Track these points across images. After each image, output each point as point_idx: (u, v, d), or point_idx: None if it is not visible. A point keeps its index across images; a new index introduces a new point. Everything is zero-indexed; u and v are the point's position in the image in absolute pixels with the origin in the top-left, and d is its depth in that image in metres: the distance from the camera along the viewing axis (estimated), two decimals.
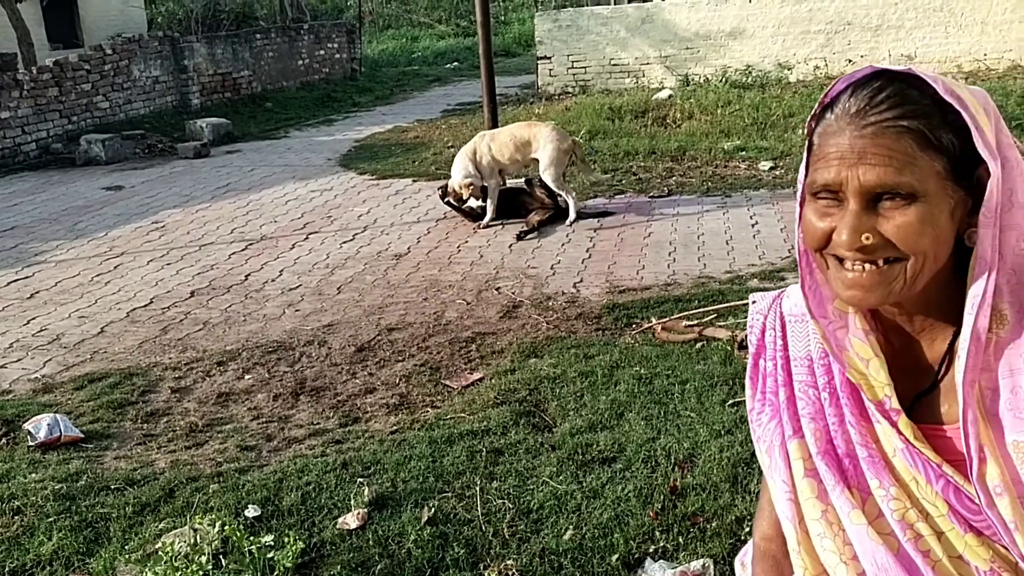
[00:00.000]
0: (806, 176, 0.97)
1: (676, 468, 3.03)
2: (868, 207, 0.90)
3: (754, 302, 1.22)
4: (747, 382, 1.21)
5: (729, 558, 2.48)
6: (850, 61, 12.48)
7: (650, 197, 7.45)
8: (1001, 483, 0.90)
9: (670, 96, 11.72)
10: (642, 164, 8.58)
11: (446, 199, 7.03)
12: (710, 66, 13.10)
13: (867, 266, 0.91)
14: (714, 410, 3.41)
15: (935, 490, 0.97)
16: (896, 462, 1.00)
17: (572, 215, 6.73)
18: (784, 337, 1.15)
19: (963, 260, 0.95)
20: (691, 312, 4.48)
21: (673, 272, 5.46)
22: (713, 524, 2.70)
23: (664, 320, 4.44)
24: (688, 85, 12.60)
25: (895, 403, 0.99)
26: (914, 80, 0.90)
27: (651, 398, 3.57)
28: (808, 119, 0.98)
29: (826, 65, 12.56)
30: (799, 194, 1.00)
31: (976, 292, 0.90)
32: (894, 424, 0.98)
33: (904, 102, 0.88)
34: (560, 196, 6.82)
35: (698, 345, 4.14)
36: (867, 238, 0.90)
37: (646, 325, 4.45)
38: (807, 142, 0.98)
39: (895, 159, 0.87)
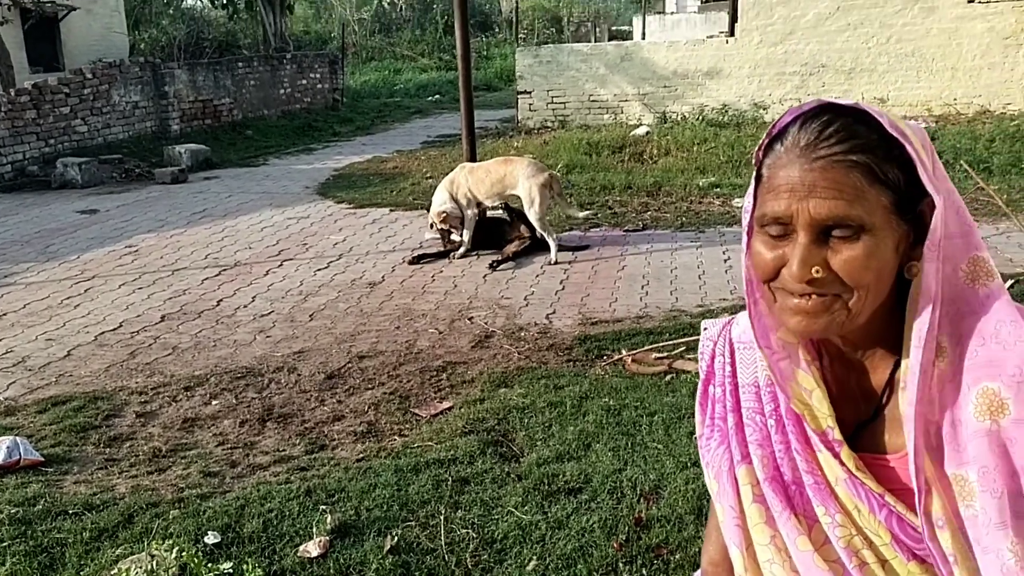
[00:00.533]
0: (754, 207, 0.98)
1: (642, 499, 3.02)
2: (817, 240, 0.91)
3: (705, 329, 1.23)
4: (697, 408, 1.22)
5: None
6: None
7: (625, 231, 7.50)
8: (943, 516, 0.91)
9: (647, 132, 11.87)
10: (618, 198, 8.65)
11: (432, 227, 7.05)
12: (687, 104, 13.29)
13: (813, 296, 0.92)
14: (681, 442, 3.41)
15: (878, 519, 0.98)
16: (839, 490, 1.00)
17: (553, 256, 6.60)
18: (733, 364, 1.16)
19: (903, 291, 0.96)
20: (661, 344, 4.50)
21: (645, 305, 5.49)
22: (677, 556, 2.70)
23: (634, 352, 4.45)
24: (665, 122, 12.77)
25: (837, 434, 1.00)
26: (861, 115, 0.91)
27: (619, 429, 3.57)
28: (756, 149, 0.99)
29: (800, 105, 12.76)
30: (746, 224, 1.01)
31: (921, 326, 0.91)
32: (836, 455, 1.00)
33: (853, 136, 0.90)
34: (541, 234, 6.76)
35: (667, 377, 4.15)
36: (817, 271, 0.90)
37: (616, 357, 4.46)
38: (755, 172, 0.99)
39: (845, 192, 0.89)
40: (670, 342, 4.54)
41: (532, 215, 6.60)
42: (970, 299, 0.93)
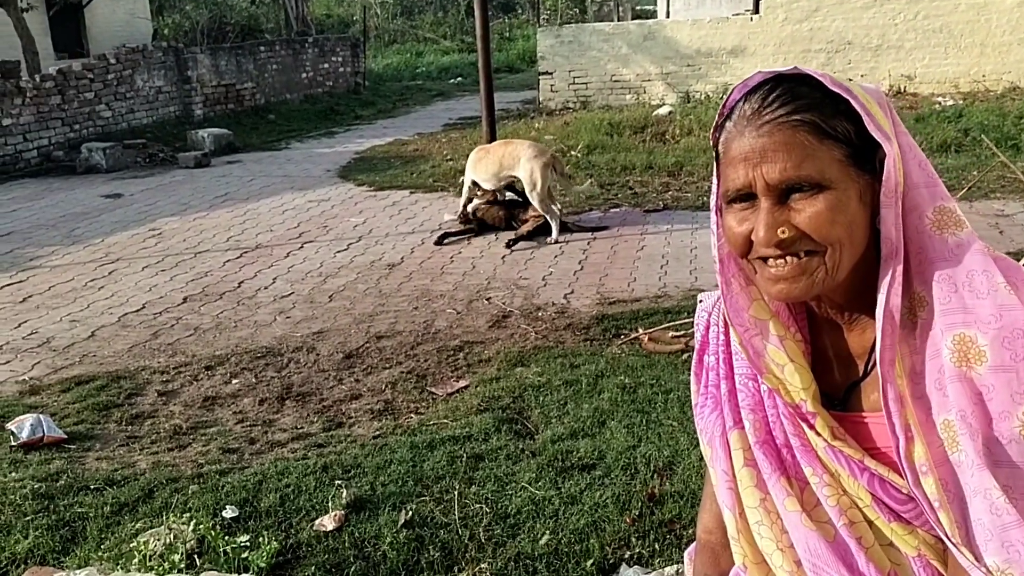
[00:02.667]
0: (718, 187, 0.99)
1: (655, 475, 3.02)
2: (779, 202, 0.92)
3: (701, 301, 1.25)
4: (692, 378, 1.22)
5: None
6: (850, 80, 12.50)
7: (645, 211, 7.47)
8: (927, 462, 0.91)
9: (670, 112, 11.77)
10: (639, 179, 8.61)
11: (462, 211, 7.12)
12: (711, 83, 13.17)
13: (789, 258, 0.93)
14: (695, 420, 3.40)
15: (858, 483, 0.98)
16: (821, 455, 1.01)
17: (555, 234, 6.61)
18: (727, 333, 1.16)
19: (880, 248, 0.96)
20: (679, 323, 4.48)
21: (664, 285, 5.47)
22: (690, 531, 2.70)
23: (651, 330, 4.44)
24: (689, 102, 12.66)
25: (810, 406, 1.01)
26: (803, 78, 0.93)
27: (634, 407, 3.57)
28: (712, 132, 1.01)
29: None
30: (714, 204, 1.02)
31: (884, 271, 0.92)
32: (812, 427, 1.00)
33: (795, 98, 0.91)
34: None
35: (684, 356, 4.14)
36: (783, 232, 0.92)
37: (633, 335, 4.46)
38: (714, 153, 1.00)
39: (794, 152, 0.90)
40: (688, 320, 4.52)
41: (534, 198, 6.57)
42: (939, 247, 0.93)
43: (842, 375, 1.04)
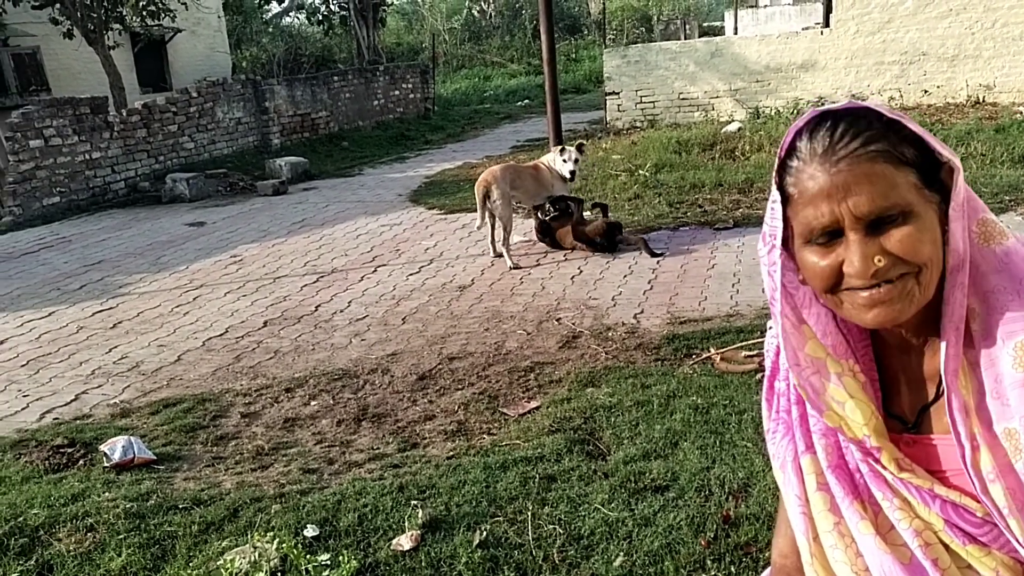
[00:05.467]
0: (785, 226, 0.99)
1: (730, 498, 3.00)
2: (868, 234, 0.93)
3: (770, 327, 1.25)
4: (763, 403, 1.23)
5: None
6: (926, 92, 12.24)
7: (715, 228, 7.41)
8: (993, 470, 0.91)
9: (739, 129, 11.67)
10: (708, 196, 8.55)
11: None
12: (781, 98, 13.00)
13: (883, 285, 0.93)
14: None
15: (931, 510, 0.98)
16: (891, 483, 1.01)
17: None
18: None
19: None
20: (752, 342, 4.44)
21: (736, 303, 5.42)
22: (766, 554, 2.66)
23: (724, 350, 4.41)
24: (758, 118, 12.52)
25: (874, 441, 1.01)
26: (857, 111, 0.94)
27: (707, 428, 3.55)
28: (774, 173, 1.01)
29: (901, 96, 12.33)
30: (768, 246, 1.02)
31: (951, 283, 0.93)
32: (877, 460, 1.00)
33: (864, 130, 0.92)
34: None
35: (758, 376, 4.09)
36: (879, 260, 0.92)
37: (705, 355, 4.43)
38: (780, 195, 0.99)
39: (878, 183, 0.91)
40: (761, 340, 4.47)
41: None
42: (989, 258, 0.94)
43: (913, 398, 1.04)
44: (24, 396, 4.85)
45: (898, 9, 12.29)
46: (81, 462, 3.82)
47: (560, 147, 7.41)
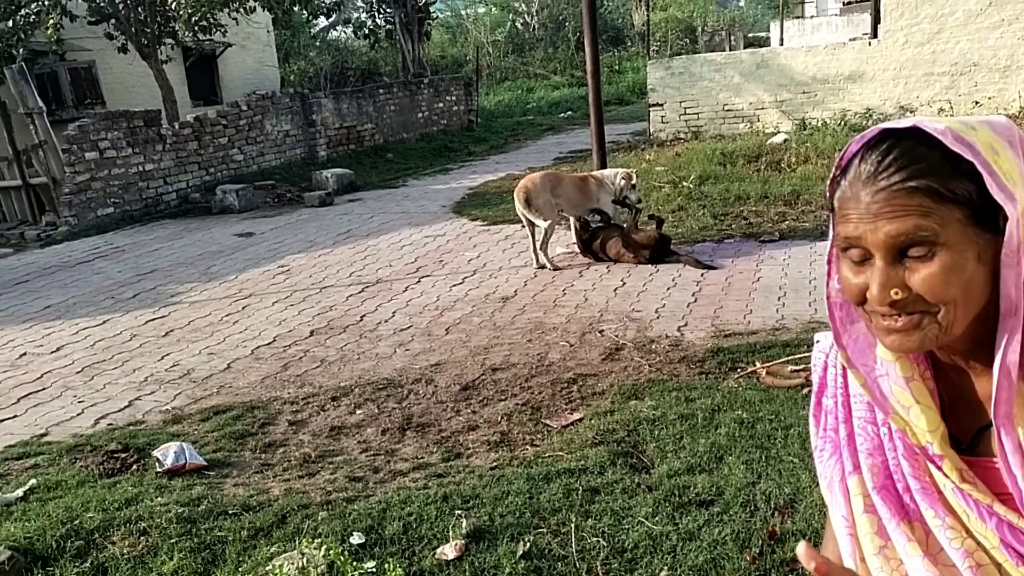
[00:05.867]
0: (834, 236, 1.00)
1: (776, 513, 2.98)
2: (894, 261, 0.92)
3: (817, 341, 1.24)
4: (810, 420, 1.23)
5: None
6: (977, 103, 12.00)
7: (760, 241, 7.35)
8: None
9: (785, 140, 11.57)
10: (753, 208, 8.48)
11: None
12: (828, 110, 12.86)
13: (902, 315, 0.94)
14: None
15: (987, 525, 0.97)
16: (948, 496, 1.00)
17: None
18: (845, 375, 1.16)
19: None
20: (798, 356, 4.40)
21: (782, 317, 5.37)
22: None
23: (769, 364, 4.37)
24: (804, 129, 12.40)
25: (937, 448, 1.00)
26: (922, 135, 0.91)
27: (752, 442, 3.53)
28: (828, 184, 1.01)
29: (951, 108, 12.11)
30: (827, 252, 1.04)
31: (1003, 329, 0.91)
32: (939, 468, 1.00)
33: (913, 162, 0.90)
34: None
35: (804, 390, 4.05)
36: (896, 293, 0.92)
37: (750, 369, 4.40)
38: (830, 206, 1.01)
39: (911, 215, 0.90)
40: (807, 354, 4.42)
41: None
42: None
43: (968, 420, 1.03)
44: (79, 402, 4.98)
45: (948, 19, 12.09)
46: (134, 467, 3.92)
47: (628, 173, 7.47)
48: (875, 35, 12.85)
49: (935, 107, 12.22)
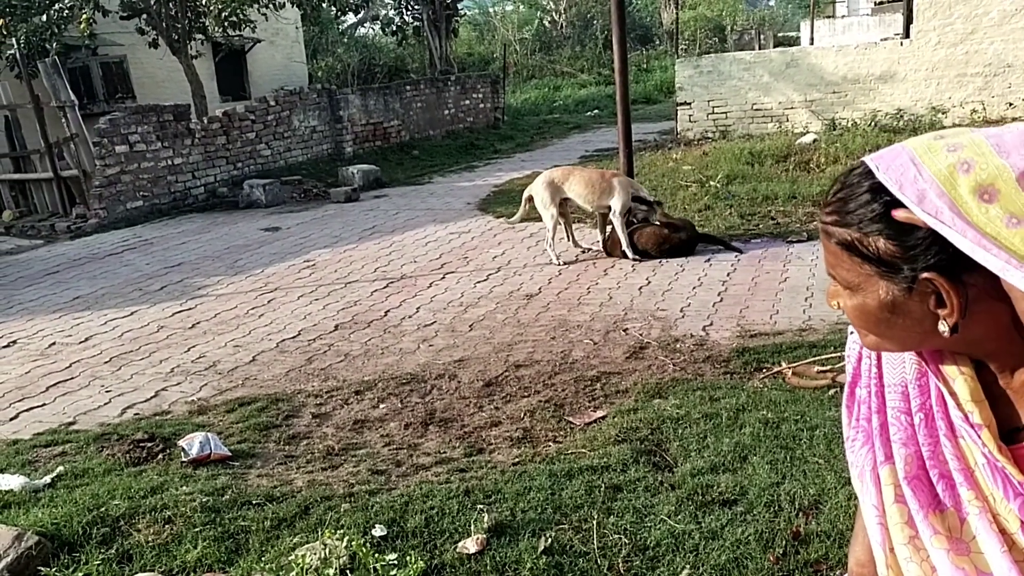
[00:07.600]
0: None
1: (800, 514, 2.95)
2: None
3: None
4: (843, 411, 1.22)
5: None
6: (1010, 104, 11.82)
7: (788, 241, 7.29)
8: None
9: (814, 140, 11.46)
10: (781, 208, 8.41)
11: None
12: (858, 110, 12.72)
13: None
14: (843, 457, 3.28)
15: (1011, 507, 0.96)
16: (978, 475, 0.99)
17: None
18: (879, 365, 1.16)
19: None
20: (825, 357, 4.35)
21: (808, 317, 5.32)
22: (837, 572, 2.62)
23: (795, 364, 4.33)
24: (834, 129, 12.27)
25: (977, 417, 0.99)
26: (880, 180, 0.90)
27: (777, 443, 3.50)
28: None
29: (984, 109, 11.94)
30: None
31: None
32: (978, 435, 0.99)
33: (841, 209, 0.94)
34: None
35: (831, 391, 4.01)
36: (836, 305, 1.02)
37: (776, 369, 4.36)
38: None
39: (831, 254, 0.98)
40: (834, 355, 4.38)
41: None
42: None
43: (1004, 415, 1.02)
44: (107, 391, 5.04)
45: (982, 20, 11.92)
46: (160, 456, 3.96)
47: (658, 202, 7.55)
48: (907, 35, 12.69)
49: (967, 108, 12.05)
